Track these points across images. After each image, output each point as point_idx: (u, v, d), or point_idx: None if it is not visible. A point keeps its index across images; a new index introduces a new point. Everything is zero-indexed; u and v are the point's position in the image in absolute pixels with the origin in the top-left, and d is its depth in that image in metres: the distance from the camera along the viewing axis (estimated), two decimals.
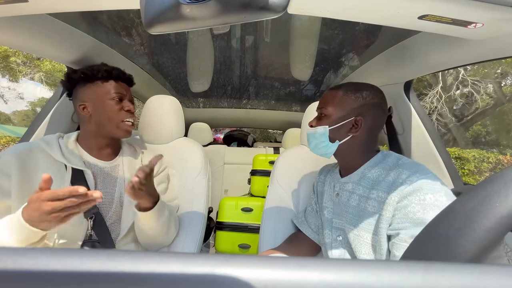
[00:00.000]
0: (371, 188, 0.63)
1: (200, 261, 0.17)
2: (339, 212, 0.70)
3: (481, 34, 0.54)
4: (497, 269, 0.17)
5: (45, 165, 0.71)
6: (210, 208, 1.20)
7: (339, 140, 0.68)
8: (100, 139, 0.81)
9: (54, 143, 0.74)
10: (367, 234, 0.61)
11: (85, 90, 0.78)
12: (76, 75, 0.77)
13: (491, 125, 10.04)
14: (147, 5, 0.39)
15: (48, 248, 0.17)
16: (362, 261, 0.18)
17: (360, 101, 0.67)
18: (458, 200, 0.24)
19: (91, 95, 0.78)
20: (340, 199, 0.71)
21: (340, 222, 0.70)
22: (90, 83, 0.78)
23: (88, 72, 0.77)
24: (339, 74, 1.57)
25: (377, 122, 0.69)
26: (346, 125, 0.67)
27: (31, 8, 0.55)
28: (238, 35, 1.27)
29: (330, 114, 0.68)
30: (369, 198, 0.62)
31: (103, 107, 0.78)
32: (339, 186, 0.73)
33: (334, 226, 0.72)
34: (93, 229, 0.72)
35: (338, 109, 0.68)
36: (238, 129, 3.08)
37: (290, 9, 0.47)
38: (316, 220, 0.82)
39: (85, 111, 0.78)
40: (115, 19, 1.08)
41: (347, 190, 0.69)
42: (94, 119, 0.78)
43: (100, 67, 0.78)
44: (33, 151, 0.71)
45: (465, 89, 7.95)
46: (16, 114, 17.95)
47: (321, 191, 0.81)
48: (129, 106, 0.82)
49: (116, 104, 0.79)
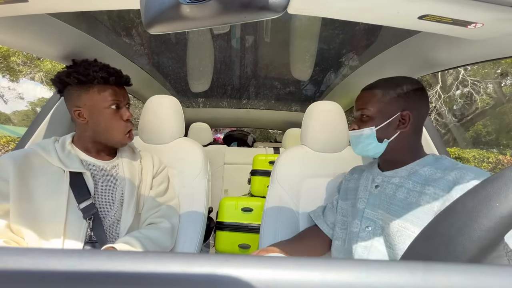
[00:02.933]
0: (424, 184, 0.63)
1: (200, 261, 0.17)
2: (377, 203, 0.70)
3: (481, 34, 0.54)
4: (497, 269, 0.17)
5: (42, 170, 0.70)
6: (210, 208, 1.20)
7: (388, 138, 0.67)
8: (98, 143, 0.79)
9: (50, 148, 0.73)
10: (414, 227, 0.60)
11: (80, 95, 0.73)
12: (70, 79, 0.72)
13: (491, 125, 10.04)
14: (147, 5, 0.39)
15: (48, 248, 0.17)
16: (362, 261, 0.18)
17: (403, 95, 0.66)
18: (458, 200, 0.24)
19: (87, 101, 0.73)
20: (382, 191, 0.70)
21: (372, 213, 0.70)
22: (85, 88, 0.73)
23: (83, 77, 0.72)
24: (339, 74, 1.57)
25: (422, 112, 0.68)
26: (393, 122, 0.66)
27: (31, 8, 0.55)
28: (238, 35, 1.27)
29: (374, 114, 0.67)
30: (423, 193, 0.62)
31: (100, 116, 0.75)
32: (381, 178, 0.72)
33: (364, 216, 0.71)
34: (92, 230, 0.71)
35: (382, 108, 0.67)
36: (238, 129, 3.08)
37: (290, 9, 0.47)
38: (333, 217, 0.83)
39: (81, 117, 0.74)
40: (115, 19, 1.08)
41: (393, 183, 0.68)
42: (91, 127, 0.76)
43: (96, 72, 0.73)
44: (29, 156, 0.70)
45: (465, 89, 7.95)
46: (16, 114, 17.95)
47: (353, 187, 0.80)
48: (127, 114, 0.79)
49: (113, 113, 0.76)
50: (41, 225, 0.67)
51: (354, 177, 0.83)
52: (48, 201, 0.68)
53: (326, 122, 0.99)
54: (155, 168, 0.91)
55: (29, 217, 0.66)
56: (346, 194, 0.81)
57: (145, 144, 1.06)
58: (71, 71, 0.73)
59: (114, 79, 0.76)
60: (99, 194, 0.76)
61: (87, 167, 0.76)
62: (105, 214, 0.75)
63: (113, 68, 0.78)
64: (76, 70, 0.73)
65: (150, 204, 0.85)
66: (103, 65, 0.76)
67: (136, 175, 0.84)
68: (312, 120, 1.00)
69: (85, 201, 0.72)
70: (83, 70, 0.72)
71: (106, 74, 0.74)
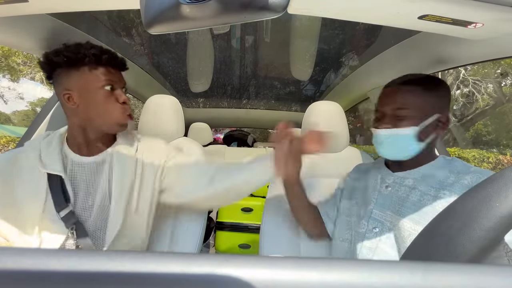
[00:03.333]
0: (439, 188, 0.61)
1: (200, 261, 0.17)
2: (387, 204, 0.68)
3: (481, 34, 0.54)
4: (497, 269, 0.17)
5: (27, 171, 0.66)
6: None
7: (423, 140, 0.63)
8: (89, 133, 0.70)
9: (36, 145, 0.68)
10: None
11: (69, 76, 0.65)
12: (59, 58, 0.64)
13: (491, 125, 10.05)
14: (147, 5, 0.39)
15: (48, 248, 0.17)
16: (362, 261, 0.18)
17: (441, 96, 0.64)
18: (458, 200, 0.24)
19: (77, 83, 0.65)
20: (394, 192, 0.68)
21: (380, 214, 0.68)
22: (75, 68, 0.65)
23: (73, 55, 0.64)
24: (339, 74, 1.57)
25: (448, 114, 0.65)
26: (433, 124, 0.63)
27: (31, 8, 0.55)
28: (238, 35, 1.27)
29: (413, 113, 0.62)
30: (437, 197, 0.60)
31: (92, 98, 0.66)
32: (392, 179, 0.70)
33: (372, 217, 0.69)
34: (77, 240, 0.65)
35: (422, 107, 0.63)
36: (238, 129, 3.08)
37: (290, 9, 0.47)
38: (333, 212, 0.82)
39: (70, 101, 0.66)
40: (115, 19, 1.08)
41: (406, 185, 0.67)
42: (82, 111, 0.67)
43: (87, 49, 0.65)
44: (18, 156, 0.67)
45: (466, 89, 7.95)
46: (16, 114, 17.96)
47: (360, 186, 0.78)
48: (123, 97, 0.69)
49: (107, 94, 0.67)
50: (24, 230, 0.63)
51: (360, 176, 0.81)
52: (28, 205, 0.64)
53: (326, 122, 0.99)
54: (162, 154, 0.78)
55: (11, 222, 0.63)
56: (351, 194, 0.79)
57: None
58: (60, 49, 0.66)
59: (107, 58, 0.67)
60: (80, 199, 0.68)
61: (70, 167, 0.69)
62: (85, 220, 0.68)
63: (106, 49, 0.69)
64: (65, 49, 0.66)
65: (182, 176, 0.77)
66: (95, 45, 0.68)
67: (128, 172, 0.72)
68: (312, 120, 1.00)
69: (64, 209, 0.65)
70: (73, 49, 0.65)
71: (98, 52, 0.66)
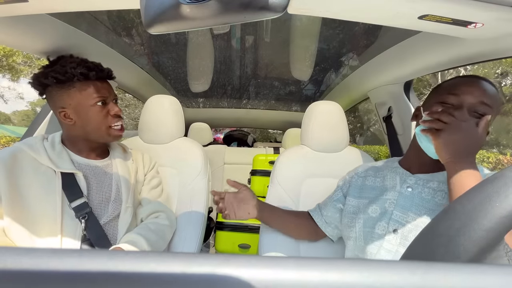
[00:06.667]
0: None
1: (200, 261, 0.17)
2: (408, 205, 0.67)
3: (481, 34, 0.54)
4: (497, 269, 0.17)
5: (32, 169, 0.68)
6: (210, 208, 1.20)
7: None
8: (88, 142, 0.76)
9: (39, 147, 0.70)
10: None
11: (62, 95, 0.70)
12: (48, 80, 0.68)
13: (491, 125, 10.03)
14: (147, 5, 0.39)
15: (48, 248, 0.17)
16: (362, 260, 0.18)
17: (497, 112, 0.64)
18: (458, 200, 0.24)
19: (71, 101, 0.70)
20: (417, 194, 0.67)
21: (402, 216, 0.67)
22: (66, 87, 0.69)
23: (61, 76, 0.68)
24: (339, 74, 1.57)
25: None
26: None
27: (31, 8, 0.54)
28: (238, 35, 1.27)
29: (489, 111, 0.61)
30: None
31: (88, 115, 0.71)
32: (414, 180, 0.69)
33: (392, 218, 0.68)
34: (85, 230, 0.69)
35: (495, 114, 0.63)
36: (238, 129, 3.08)
37: (290, 9, 0.47)
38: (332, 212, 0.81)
39: (67, 118, 0.71)
40: (115, 19, 1.08)
41: (430, 187, 0.66)
42: (80, 127, 0.73)
43: (74, 69, 0.68)
44: (17, 156, 0.68)
45: None
46: (16, 114, 17.96)
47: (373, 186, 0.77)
48: (115, 109, 0.75)
49: (100, 110, 0.73)
50: (36, 227, 0.65)
51: (370, 174, 0.79)
52: (42, 202, 0.66)
53: (326, 122, 0.99)
54: (146, 166, 0.91)
55: (23, 220, 0.64)
56: (361, 192, 0.78)
57: (145, 144, 1.06)
58: (48, 71, 0.69)
59: (94, 74, 0.71)
60: (94, 193, 0.74)
61: (78, 168, 0.74)
62: (101, 212, 0.73)
63: (92, 62, 0.73)
64: (53, 69, 0.69)
65: (145, 199, 0.85)
66: (80, 60, 0.72)
67: (131, 174, 0.83)
68: (312, 120, 1.00)
69: (76, 200, 0.70)
70: (60, 68, 0.68)
71: (85, 70, 0.70)
